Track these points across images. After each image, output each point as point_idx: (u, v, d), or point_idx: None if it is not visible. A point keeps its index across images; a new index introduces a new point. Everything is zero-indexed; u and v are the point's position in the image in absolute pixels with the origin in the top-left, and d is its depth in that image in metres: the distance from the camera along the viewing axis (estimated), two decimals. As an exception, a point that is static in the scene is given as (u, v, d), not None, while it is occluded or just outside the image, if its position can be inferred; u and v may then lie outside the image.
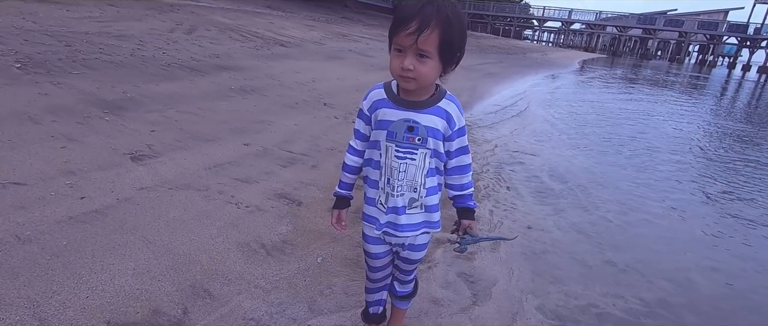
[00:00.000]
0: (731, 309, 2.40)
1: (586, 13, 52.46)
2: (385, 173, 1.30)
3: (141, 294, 1.73)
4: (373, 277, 1.55)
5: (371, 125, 1.31)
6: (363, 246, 1.47)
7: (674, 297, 2.40)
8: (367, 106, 1.31)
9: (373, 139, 1.31)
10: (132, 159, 2.87)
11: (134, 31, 7.01)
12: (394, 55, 1.17)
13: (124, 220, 2.18)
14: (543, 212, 3.36)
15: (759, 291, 2.65)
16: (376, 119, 1.28)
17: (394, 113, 1.26)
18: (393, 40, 1.16)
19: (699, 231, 3.43)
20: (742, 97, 17.81)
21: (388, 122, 1.26)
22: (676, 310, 2.28)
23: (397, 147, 1.27)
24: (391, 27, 1.16)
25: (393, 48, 1.17)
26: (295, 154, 3.54)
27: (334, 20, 18.80)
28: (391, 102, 1.26)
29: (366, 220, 1.40)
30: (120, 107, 3.78)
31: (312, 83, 6.29)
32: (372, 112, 1.30)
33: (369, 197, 1.37)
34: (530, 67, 17.24)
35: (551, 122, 7.04)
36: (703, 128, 8.64)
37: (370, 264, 1.50)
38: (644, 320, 2.16)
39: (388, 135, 1.27)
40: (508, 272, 2.40)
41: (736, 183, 4.84)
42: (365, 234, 1.43)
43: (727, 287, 2.64)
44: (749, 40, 45.65)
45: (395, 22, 1.15)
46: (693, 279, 2.65)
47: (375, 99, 1.29)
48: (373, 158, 1.32)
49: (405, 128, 1.25)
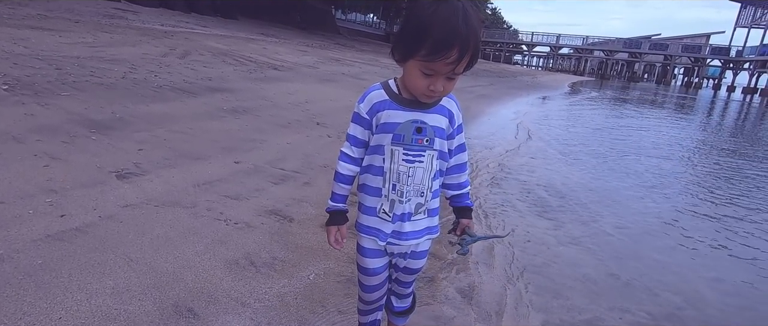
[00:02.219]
0: (744, 320, 2.31)
1: (573, 38, 53.84)
2: (391, 179, 1.20)
3: (118, 314, 1.61)
4: (369, 298, 1.40)
5: (371, 129, 1.19)
6: (359, 261, 1.32)
7: (683, 310, 2.31)
8: (366, 108, 1.18)
9: (375, 144, 1.20)
10: (117, 177, 2.77)
11: (127, 55, 7.01)
12: (418, 75, 1.07)
13: (105, 238, 2.07)
14: (542, 226, 3.28)
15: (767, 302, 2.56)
16: (379, 122, 1.17)
17: (401, 114, 1.16)
18: (423, 62, 1.04)
19: (700, 242, 3.36)
20: (730, 115, 18.12)
21: (395, 125, 1.16)
22: (685, 322, 2.19)
23: (406, 150, 1.18)
24: (417, 44, 1.02)
25: (419, 68, 1.06)
26: (288, 171, 3.46)
27: (328, 46, 19.08)
28: (395, 103, 1.16)
29: (365, 232, 1.27)
30: (108, 127, 3.70)
31: (305, 104, 6.27)
32: (373, 115, 1.18)
33: (368, 206, 1.25)
34: (521, 89, 17.48)
35: (545, 140, 7.04)
36: (697, 143, 8.70)
37: (366, 282, 1.36)
38: (654, 334, 2.06)
39: (394, 138, 1.17)
40: (511, 287, 2.30)
41: (733, 194, 4.81)
42: (363, 248, 1.29)
43: (736, 299, 2.55)
44: (732, 62, 46.96)
45: (433, 46, 1.00)
46: (699, 291, 2.56)
47: (375, 100, 1.17)
48: (374, 164, 1.21)
49: (413, 129, 1.16)
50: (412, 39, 1.04)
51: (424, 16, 1.02)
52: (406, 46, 1.06)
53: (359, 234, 1.29)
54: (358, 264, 1.34)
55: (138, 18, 13.21)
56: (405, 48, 1.07)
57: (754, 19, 45.53)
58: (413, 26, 1.04)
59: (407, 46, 1.06)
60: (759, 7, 44.42)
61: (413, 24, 1.04)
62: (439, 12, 1.01)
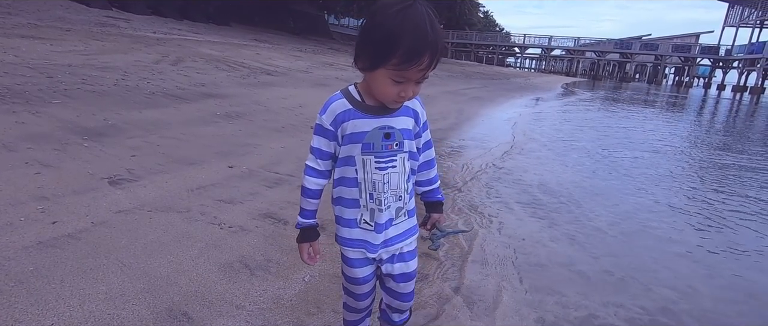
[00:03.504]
0: (736, 313, 2.33)
1: (565, 40, 54.29)
2: (367, 189, 1.18)
3: (111, 319, 1.60)
4: (359, 306, 1.37)
5: (337, 141, 1.16)
6: (347, 272, 1.29)
7: (676, 304, 2.33)
8: (329, 119, 1.14)
9: (345, 156, 1.17)
10: (110, 183, 2.75)
11: (119, 63, 6.98)
12: (388, 83, 1.05)
13: (98, 244, 2.06)
14: (536, 225, 3.30)
15: (760, 297, 2.59)
16: (345, 133, 1.14)
17: (367, 122, 1.13)
18: (394, 71, 1.02)
19: (692, 238, 3.39)
20: (721, 112, 18.33)
21: (362, 134, 1.13)
22: (679, 317, 2.20)
23: (377, 158, 1.16)
24: (387, 53, 1.00)
25: (389, 77, 1.04)
26: (282, 175, 3.46)
27: (321, 51, 19.11)
28: (360, 111, 1.13)
29: (349, 245, 1.24)
30: (100, 134, 3.69)
31: (299, 108, 6.27)
32: (337, 126, 1.14)
33: (347, 219, 1.23)
34: (515, 90, 17.58)
35: (539, 141, 7.08)
36: (689, 141, 8.79)
37: (357, 291, 1.32)
38: (648, 328, 2.08)
39: (364, 147, 1.14)
40: (505, 285, 2.30)
41: (725, 190, 4.86)
42: (350, 259, 1.26)
43: (728, 293, 2.57)
44: (722, 61, 47.55)
45: (405, 54, 0.99)
46: (693, 286, 2.58)
47: (339, 111, 1.13)
48: (347, 176, 1.19)
49: (381, 136, 1.14)
50: (381, 48, 1.00)
51: (392, 24, 0.99)
52: (375, 55, 1.02)
53: (343, 248, 1.26)
54: (346, 275, 1.30)
55: (130, 25, 13.18)
56: (373, 57, 1.03)
57: (742, 19, 46.20)
58: (381, 35, 1.00)
59: (376, 55, 1.02)
60: (746, 7, 45.09)
61: (381, 33, 1.00)
62: (407, 19, 0.98)
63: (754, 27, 43.67)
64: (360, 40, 1.06)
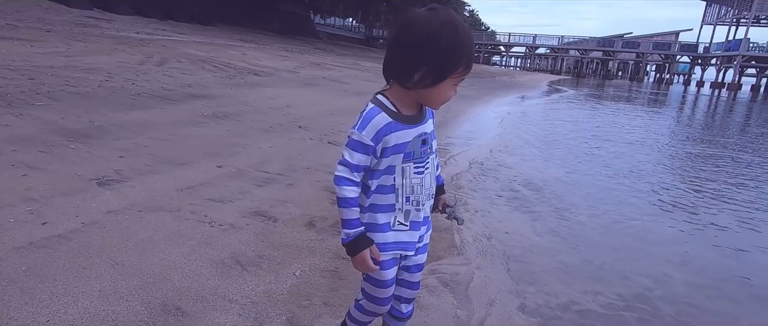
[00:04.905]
0: (706, 297, 2.46)
1: (549, 38, 55.04)
2: (404, 193, 1.21)
3: (107, 315, 1.64)
4: (381, 310, 1.35)
5: (376, 155, 1.15)
6: (378, 276, 1.26)
7: (651, 291, 2.45)
8: (370, 135, 1.12)
9: (386, 166, 1.18)
10: (98, 184, 2.77)
11: (103, 64, 6.90)
12: (450, 89, 1.13)
13: (89, 244, 2.08)
14: (520, 219, 3.40)
15: (731, 281, 2.73)
16: (387, 145, 1.14)
17: (409, 133, 1.16)
18: (459, 76, 1.11)
19: (669, 228, 3.53)
20: (699, 108, 18.85)
21: (405, 144, 1.16)
22: (653, 303, 2.32)
23: (416, 164, 1.20)
24: (458, 62, 1.08)
25: (452, 82, 1.12)
26: (271, 173, 3.50)
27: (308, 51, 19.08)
28: (401, 123, 1.15)
29: (383, 249, 1.23)
30: (86, 136, 3.67)
31: (286, 108, 6.30)
32: (378, 141, 1.13)
33: (380, 224, 1.23)
34: (500, 89, 17.81)
35: (524, 138, 7.23)
36: (668, 135, 9.05)
37: (382, 295, 1.30)
38: (624, 313, 2.18)
39: (405, 156, 1.17)
40: (489, 275, 2.39)
41: (700, 181, 5.05)
42: (383, 262, 1.24)
43: (700, 279, 2.71)
44: (700, 58, 48.77)
45: (470, 59, 1.09)
46: (668, 273, 2.71)
47: (381, 126, 1.12)
48: (385, 184, 1.20)
49: (420, 143, 1.19)
50: (452, 59, 1.07)
51: (456, 35, 1.06)
52: (445, 68, 1.08)
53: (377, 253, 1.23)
54: (375, 280, 1.28)
55: (112, 26, 12.99)
56: (444, 69, 1.08)
57: (719, 17, 47.45)
58: (449, 47, 1.06)
59: (447, 67, 1.08)
60: (723, 5, 46.31)
61: (447, 45, 1.06)
62: (464, 30, 1.08)
63: (730, 25, 44.89)
64: (420, 60, 1.07)
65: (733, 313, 2.36)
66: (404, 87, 1.12)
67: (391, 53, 1.13)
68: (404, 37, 1.09)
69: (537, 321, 2.01)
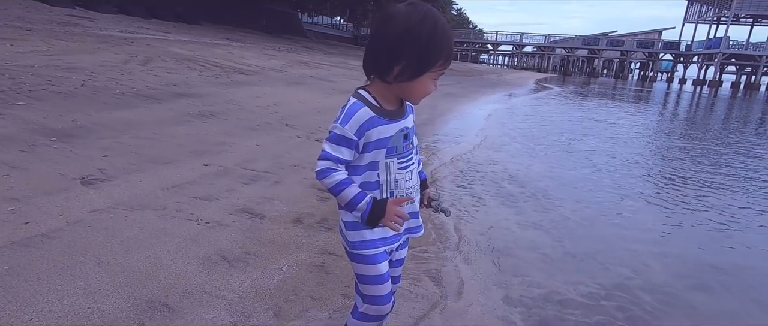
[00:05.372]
0: (684, 287, 2.54)
1: (536, 37, 55.62)
2: (388, 188, 1.21)
3: (92, 312, 1.64)
4: (384, 310, 1.31)
5: (359, 150, 1.15)
6: (372, 272, 1.24)
7: (631, 281, 2.52)
8: (354, 129, 1.12)
9: (368, 162, 1.17)
10: (82, 183, 2.74)
11: (85, 63, 6.79)
12: (430, 83, 1.14)
13: (73, 242, 2.07)
14: (504, 213, 3.46)
15: (706, 270, 2.83)
16: (370, 140, 1.14)
17: (390, 128, 1.16)
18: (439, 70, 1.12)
19: (650, 221, 3.63)
20: (682, 105, 19.27)
21: (387, 139, 1.16)
22: (633, 292, 2.39)
23: (399, 159, 1.21)
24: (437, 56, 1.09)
25: (432, 77, 1.13)
26: (258, 171, 3.50)
27: (295, 49, 18.99)
28: (383, 117, 1.15)
29: (372, 246, 1.22)
30: (69, 135, 3.63)
31: (273, 107, 6.28)
32: (361, 135, 1.13)
33: None
34: (488, 87, 17.95)
35: (510, 135, 7.32)
36: (651, 131, 9.24)
37: (382, 292, 1.27)
38: (604, 302, 2.25)
39: (388, 152, 1.18)
40: (474, 268, 2.44)
41: (682, 177, 5.19)
42: (375, 256, 1.23)
43: (678, 268, 2.80)
44: (682, 56, 49.78)
45: (446, 54, 1.10)
46: (647, 264, 2.79)
47: (363, 120, 1.12)
48: (370, 180, 1.19)
49: (402, 138, 1.20)
50: (430, 52, 1.08)
51: (434, 30, 1.07)
52: (425, 61, 1.08)
53: (367, 251, 1.23)
54: (368, 276, 1.25)
55: (95, 25, 12.75)
56: (424, 64, 1.09)
57: (700, 15, 48.45)
58: (428, 41, 1.07)
59: (426, 61, 1.09)
60: (704, 4, 47.31)
61: (426, 39, 1.06)
62: (443, 24, 1.09)
63: (711, 23, 45.88)
64: (400, 55, 1.07)
65: (704, 301, 2.45)
66: (384, 81, 1.13)
67: (371, 48, 1.13)
68: (383, 31, 1.10)
69: (519, 311, 2.06)
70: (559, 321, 2.03)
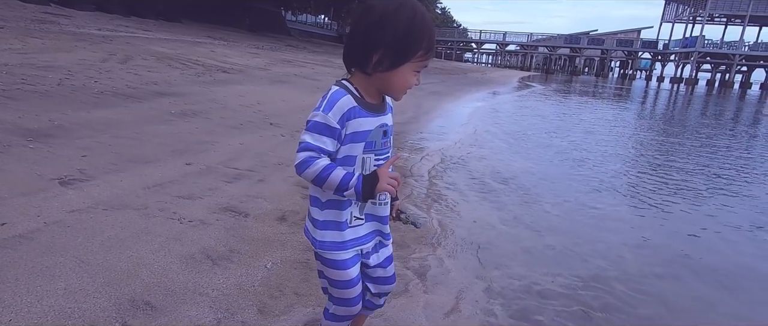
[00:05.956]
0: (656, 277, 2.64)
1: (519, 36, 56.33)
2: None
3: (73, 312, 1.62)
4: (353, 311, 1.30)
5: (341, 140, 1.10)
6: (339, 276, 1.22)
7: (607, 272, 2.60)
8: (336, 118, 1.07)
9: (344, 156, 1.12)
10: (61, 183, 2.69)
11: (62, 61, 6.63)
12: (410, 75, 1.11)
13: (52, 243, 2.04)
14: (487, 208, 3.53)
15: (678, 260, 2.94)
16: (348, 131, 1.09)
17: (371, 121, 1.13)
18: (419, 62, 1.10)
19: (626, 214, 3.75)
20: (660, 102, 19.77)
21: (365, 133, 1.12)
22: (608, 282, 2.47)
23: (377, 155, 1.17)
24: (416, 47, 1.07)
25: (412, 69, 1.10)
26: (241, 170, 3.49)
27: (279, 48, 18.83)
28: (364, 109, 1.11)
29: (341, 248, 1.19)
30: (46, 135, 3.55)
31: (257, 105, 6.24)
32: (343, 126, 1.08)
33: (339, 222, 1.18)
34: (472, 85, 18.12)
35: (493, 132, 7.42)
36: (630, 127, 9.47)
37: (351, 295, 1.25)
38: (581, 292, 2.32)
39: (366, 146, 1.13)
40: (456, 262, 2.49)
41: (658, 171, 5.35)
42: (343, 261, 1.20)
43: (650, 258, 2.90)
44: (660, 54, 51.05)
45: (429, 44, 1.08)
46: (623, 255, 2.88)
47: (346, 108, 1.08)
48: None
49: (381, 134, 1.16)
50: (408, 41, 1.06)
51: (413, 19, 1.06)
52: (403, 51, 1.06)
53: (335, 253, 1.19)
54: (339, 282, 1.23)
55: (71, 22, 12.43)
56: (403, 53, 1.07)
57: (677, 15, 49.77)
58: (406, 29, 1.05)
59: (404, 51, 1.07)
60: (680, 4, 48.59)
61: (404, 27, 1.05)
62: (422, 14, 1.08)
63: (687, 23, 47.17)
64: (378, 42, 1.06)
65: (674, 288, 2.54)
66: (365, 73, 1.11)
67: (350, 38, 1.13)
68: (361, 20, 1.09)
69: (500, 303, 2.11)
70: (538, 311, 2.10)
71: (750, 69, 46.12)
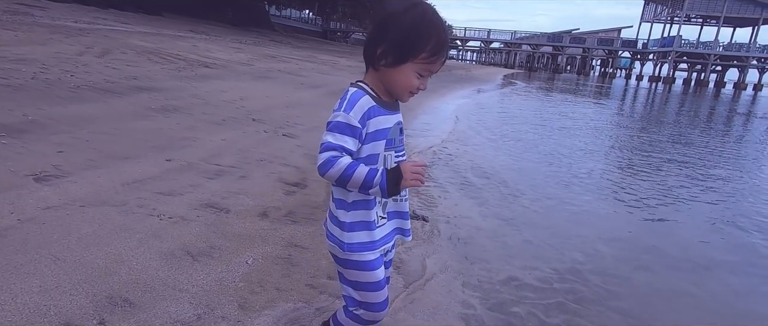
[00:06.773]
0: (629, 268, 2.74)
1: (503, 33, 56.84)
2: None
3: (49, 309, 1.60)
4: (379, 316, 1.25)
5: (362, 139, 1.11)
6: (368, 278, 1.19)
7: (582, 265, 2.69)
8: (358, 116, 1.08)
9: (367, 154, 1.13)
10: (35, 180, 2.64)
11: (36, 54, 6.44)
12: (413, 76, 1.11)
13: (26, 240, 2.01)
14: (468, 204, 3.58)
15: (650, 251, 3.05)
16: (369, 130, 1.11)
17: (389, 119, 1.15)
18: (423, 64, 1.10)
19: (602, 209, 3.86)
20: (639, 100, 20.26)
21: (386, 131, 1.15)
22: (583, 275, 2.55)
23: (396, 152, 1.20)
24: (420, 47, 1.08)
25: (415, 70, 1.11)
26: (223, 166, 3.46)
27: (262, 43, 18.62)
28: (382, 108, 1.14)
29: (370, 248, 1.18)
30: (20, 130, 3.46)
31: (239, 101, 6.18)
32: (364, 125, 1.10)
33: (368, 221, 1.18)
34: (456, 82, 18.24)
35: (476, 129, 7.52)
36: (608, 126, 9.70)
37: (379, 299, 1.22)
38: (557, 285, 2.39)
39: (387, 144, 1.16)
40: (436, 256, 2.53)
41: (633, 167, 5.51)
42: (371, 262, 1.18)
43: (626, 251, 3.00)
44: (639, 53, 52.21)
45: (435, 47, 1.09)
46: (598, 249, 2.97)
47: (367, 107, 1.10)
48: None
49: (398, 131, 1.20)
50: (411, 38, 1.07)
51: (421, 19, 1.08)
52: (405, 49, 1.08)
53: (363, 253, 1.18)
54: (366, 283, 1.20)
55: (46, 14, 12.05)
56: (404, 52, 1.08)
57: (656, 15, 50.90)
58: (411, 27, 1.07)
59: (407, 49, 1.08)
60: (659, 4, 49.70)
61: (410, 24, 1.07)
62: (433, 16, 1.10)
63: (665, 23, 48.31)
64: (384, 37, 1.09)
65: (645, 279, 2.65)
66: (374, 69, 1.14)
67: (367, 36, 1.17)
68: (376, 16, 1.15)
69: (478, 295, 2.17)
70: (516, 303, 2.15)
71: (724, 68, 47.58)
